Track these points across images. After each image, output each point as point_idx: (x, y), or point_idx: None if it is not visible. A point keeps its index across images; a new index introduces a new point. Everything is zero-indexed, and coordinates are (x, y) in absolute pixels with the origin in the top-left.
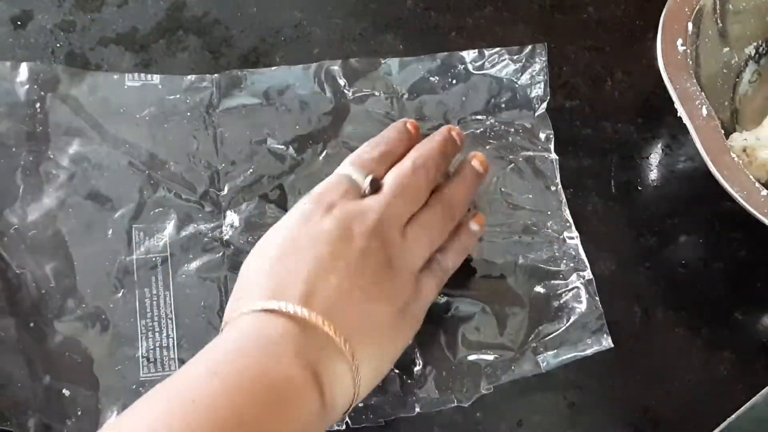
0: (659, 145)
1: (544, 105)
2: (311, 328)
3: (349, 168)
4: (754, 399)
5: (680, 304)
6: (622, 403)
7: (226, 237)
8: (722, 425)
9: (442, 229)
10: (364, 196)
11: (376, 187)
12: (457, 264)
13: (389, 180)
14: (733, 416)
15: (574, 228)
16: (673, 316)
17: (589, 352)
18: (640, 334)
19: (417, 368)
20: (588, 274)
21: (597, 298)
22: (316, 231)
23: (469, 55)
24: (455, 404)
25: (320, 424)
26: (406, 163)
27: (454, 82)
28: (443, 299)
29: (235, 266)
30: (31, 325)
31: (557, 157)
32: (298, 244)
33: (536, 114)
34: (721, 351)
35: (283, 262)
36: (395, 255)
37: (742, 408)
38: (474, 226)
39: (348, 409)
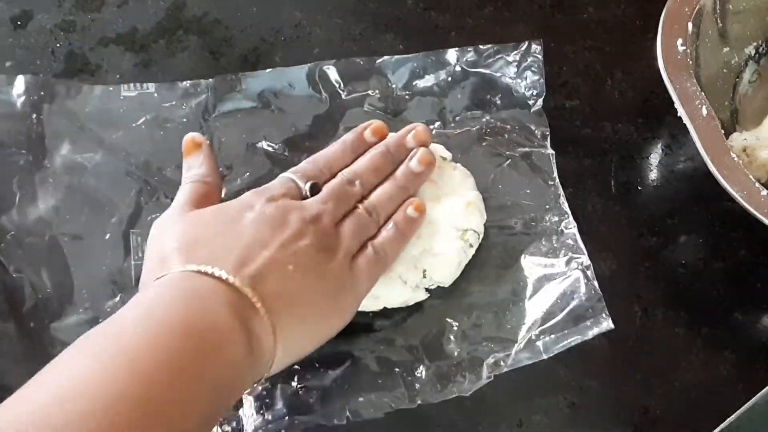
0: (659, 145)
1: (540, 101)
2: (238, 292)
3: (291, 174)
4: (754, 399)
5: (680, 304)
6: (622, 403)
7: None
8: (722, 425)
9: (373, 223)
10: (303, 197)
11: (315, 191)
12: (396, 249)
13: (326, 188)
14: (733, 416)
15: (571, 218)
16: (673, 316)
17: (590, 334)
18: (640, 334)
19: (417, 363)
20: (585, 260)
21: (595, 283)
22: (257, 214)
23: (464, 52)
24: (456, 395)
25: (248, 375)
26: (339, 177)
27: (450, 79)
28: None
29: None
30: (30, 329)
31: (554, 152)
32: (237, 223)
33: (532, 110)
34: (721, 351)
35: (219, 236)
36: (330, 242)
37: (742, 408)
38: (411, 211)
39: (267, 373)
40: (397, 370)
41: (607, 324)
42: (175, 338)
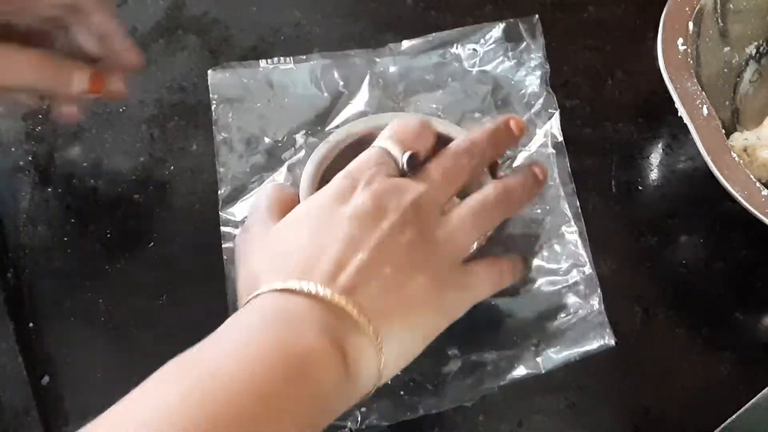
0: (660, 145)
1: (541, 100)
2: (334, 306)
3: (387, 142)
4: (754, 399)
5: (681, 304)
6: (622, 404)
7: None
8: (722, 425)
9: (491, 214)
10: (401, 172)
11: (413, 164)
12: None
13: (431, 161)
14: (733, 416)
15: (573, 223)
16: (674, 316)
17: (591, 349)
18: (640, 335)
19: (418, 370)
20: (588, 269)
21: (598, 296)
22: (350, 208)
23: (464, 51)
24: (458, 405)
25: (344, 398)
26: (451, 146)
27: (450, 80)
28: None
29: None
30: (30, 325)
31: (555, 152)
32: (330, 221)
33: (533, 111)
34: (722, 351)
35: (313, 239)
36: (433, 232)
37: (743, 408)
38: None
39: (373, 389)
40: (398, 373)
41: (609, 340)
42: (265, 365)
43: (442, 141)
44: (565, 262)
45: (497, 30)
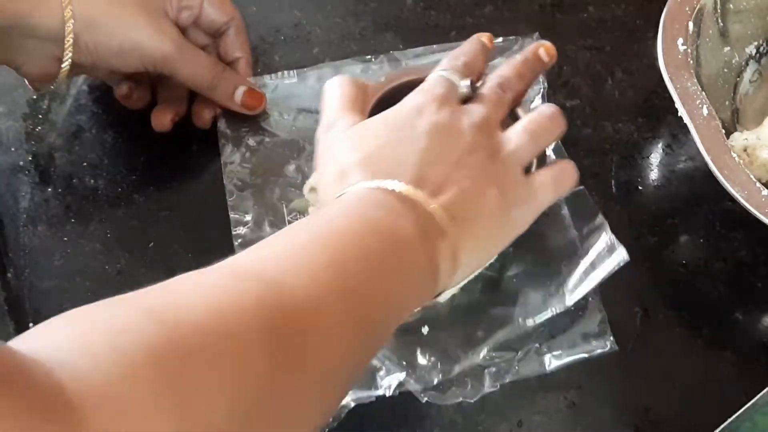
0: (660, 145)
1: (538, 98)
2: (422, 208)
3: (447, 72)
4: (754, 399)
5: (681, 304)
6: (622, 403)
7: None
8: (722, 425)
9: (548, 129)
10: (461, 97)
11: (472, 89)
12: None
13: (485, 90)
14: (733, 416)
15: (573, 228)
16: (674, 316)
17: (594, 353)
18: (640, 335)
19: (422, 365)
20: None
21: (599, 299)
22: (428, 124)
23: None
24: (460, 400)
25: (426, 291)
26: (497, 72)
27: None
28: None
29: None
30: (30, 325)
31: (552, 154)
32: (410, 133)
33: (530, 108)
34: (722, 351)
35: (396, 148)
36: (499, 150)
37: (743, 408)
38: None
39: (441, 292)
40: (404, 362)
41: (610, 345)
42: (372, 236)
43: None
44: (566, 268)
45: (497, 42)
